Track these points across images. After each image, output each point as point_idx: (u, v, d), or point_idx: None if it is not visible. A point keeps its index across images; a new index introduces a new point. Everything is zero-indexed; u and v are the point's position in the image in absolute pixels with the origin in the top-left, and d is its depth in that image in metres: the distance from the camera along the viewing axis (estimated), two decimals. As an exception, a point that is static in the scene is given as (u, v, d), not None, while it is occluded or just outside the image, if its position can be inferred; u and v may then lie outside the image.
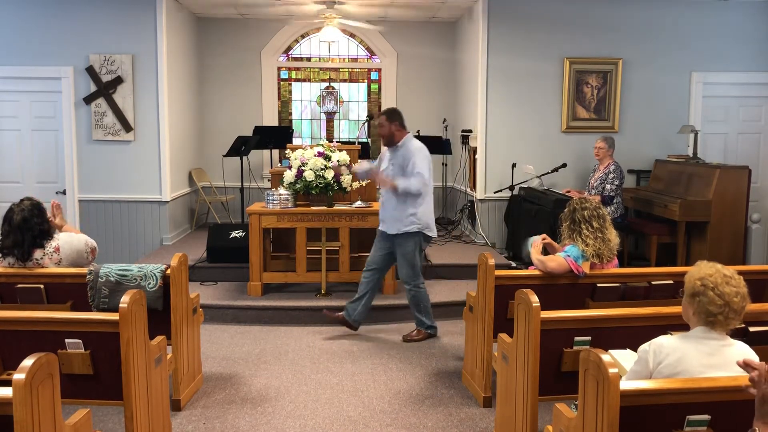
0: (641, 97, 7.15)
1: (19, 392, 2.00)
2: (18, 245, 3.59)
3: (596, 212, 3.68)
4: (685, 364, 2.21)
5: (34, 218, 3.60)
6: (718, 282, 2.21)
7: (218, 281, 5.94)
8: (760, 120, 7.34)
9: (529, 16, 6.98)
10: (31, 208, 3.61)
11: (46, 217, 3.70)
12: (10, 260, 3.64)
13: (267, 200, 5.56)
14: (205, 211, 8.32)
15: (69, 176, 6.88)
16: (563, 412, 2.47)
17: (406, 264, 4.78)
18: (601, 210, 3.72)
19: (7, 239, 3.61)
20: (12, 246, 3.60)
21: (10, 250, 3.61)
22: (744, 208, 6.08)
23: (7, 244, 3.61)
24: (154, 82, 6.85)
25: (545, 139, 7.11)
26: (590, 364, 2.19)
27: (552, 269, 3.64)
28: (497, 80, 7.00)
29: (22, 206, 3.61)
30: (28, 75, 6.78)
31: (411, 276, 4.78)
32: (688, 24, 7.09)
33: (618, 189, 6.16)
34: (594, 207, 3.70)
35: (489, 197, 7.12)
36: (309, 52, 8.87)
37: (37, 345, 2.62)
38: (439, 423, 3.59)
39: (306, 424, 3.56)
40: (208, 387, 4.04)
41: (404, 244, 4.75)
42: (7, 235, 3.61)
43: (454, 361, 4.50)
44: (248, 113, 8.51)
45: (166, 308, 3.64)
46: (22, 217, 3.57)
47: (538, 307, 2.93)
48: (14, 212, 3.59)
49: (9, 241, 3.60)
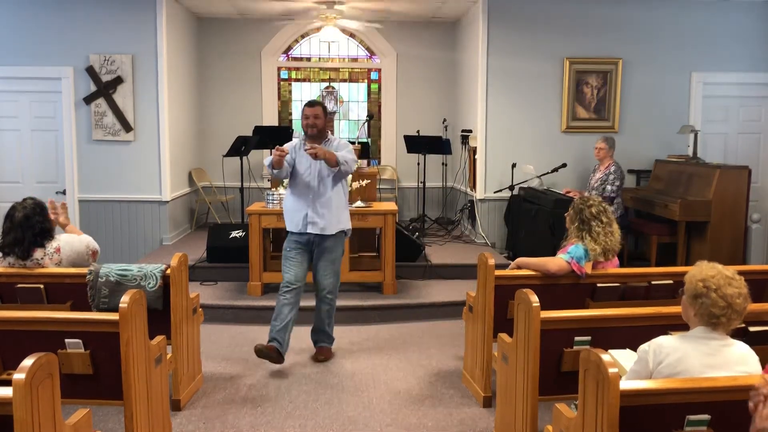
0: (641, 97, 7.14)
1: (19, 392, 2.01)
2: (19, 243, 3.59)
3: (602, 207, 3.71)
4: (685, 364, 2.21)
5: (36, 216, 3.60)
6: (720, 284, 2.21)
7: (218, 281, 5.94)
8: (760, 120, 7.34)
9: (529, 16, 6.98)
10: (34, 207, 3.62)
11: (48, 216, 3.70)
12: (10, 260, 3.64)
13: (267, 200, 5.56)
14: (205, 211, 8.32)
15: (69, 176, 6.88)
16: (563, 412, 2.47)
17: (334, 272, 4.44)
18: (605, 205, 3.76)
19: (8, 236, 3.61)
20: (13, 243, 3.60)
21: (11, 247, 3.61)
22: (744, 208, 6.07)
23: (7, 242, 3.61)
24: (154, 82, 6.85)
25: (545, 139, 7.11)
26: (590, 364, 2.19)
27: (554, 272, 3.63)
28: (497, 80, 7.00)
29: (24, 204, 3.63)
30: (28, 75, 6.78)
31: (337, 285, 4.51)
32: (688, 24, 7.09)
33: (618, 189, 6.16)
34: (599, 203, 3.73)
35: (489, 197, 7.12)
36: (309, 52, 8.88)
37: (37, 345, 2.62)
38: (439, 423, 3.59)
39: (306, 424, 3.56)
40: (208, 387, 4.04)
41: (336, 247, 4.40)
42: (8, 233, 3.61)
43: (454, 361, 4.50)
44: (248, 113, 8.51)
45: (166, 308, 3.64)
46: (24, 215, 3.57)
47: (538, 307, 2.93)
48: (16, 210, 3.60)
49: (10, 238, 3.60)
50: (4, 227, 3.64)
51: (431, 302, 5.50)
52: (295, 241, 4.35)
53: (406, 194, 8.88)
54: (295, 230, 4.31)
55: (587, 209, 3.69)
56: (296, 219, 4.30)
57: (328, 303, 4.47)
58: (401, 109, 8.82)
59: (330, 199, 4.29)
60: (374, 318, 5.31)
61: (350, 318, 5.27)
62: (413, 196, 8.71)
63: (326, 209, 4.28)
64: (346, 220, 4.43)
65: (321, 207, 4.27)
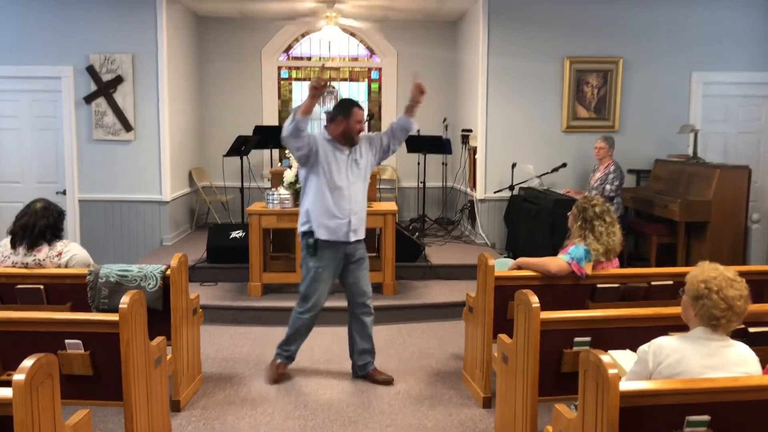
0: (641, 97, 7.14)
1: (19, 393, 2.01)
2: (28, 229, 3.63)
3: (605, 207, 3.73)
4: (685, 364, 2.21)
5: (54, 212, 3.69)
6: (722, 286, 2.21)
7: (218, 282, 5.93)
8: (760, 120, 7.33)
9: (529, 16, 6.97)
10: (56, 206, 3.74)
11: (63, 220, 3.77)
12: (14, 258, 3.65)
13: (267, 200, 5.55)
14: (205, 211, 8.32)
15: (69, 176, 6.88)
16: (563, 412, 2.47)
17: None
18: (608, 205, 3.77)
19: (20, 220, 3.66)
20: (22, 228, 3.64)
21: (19, 233, 3.64)
22: (744, 208, 6.07)
23: (18, 225, 3.65)
24: (154, 82, 6.85)
25: (545, 138, 7.10)
26: (590, 364, 2.19)
27: (554, 273, 3.63)
28: (497, 80, 7.00)
29: (48, 200, 3.75)
30: (28, 75, 6.78)
31: None
32: (688, 24, 7.09)
33: (618, 189, 6.16)
34: (602, 203, 3.74)
35: (489, 197, 7.12)
36: (309, 52, 8.87)
37: (37, 345, 2.62)
38: (438, 423, 3.59)
39: (306, 424, 3.56)
40: (208, 387, 4.04)
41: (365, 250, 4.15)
42: (20, 217, 3.67)
43: (454, 362, 4.50)
44: (248, 113, 8.51)
45: (166, 309, 3.64)
46: (43, 206, 3.67)
47: (537, 308, 2.93)
48: (37, 201, 3.72)
49: (21, 222, 3.64)
50: (19, 213, 3.71)
51: (431, 303, 5.50)
52: (332, 258, 3.94)
53: (406, 194, 8.88)
54: (336, 239, 3.89)
55: (591, 208, 3.70)
56: (337, 226, 3.88)
57: (371, 312, 4.18)
58: (401, 109, 8.75)
59: (363, 201, 4.03)
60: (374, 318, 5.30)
61: (350, 318, 5.26)
62: (413, 196, 8.71)
63: (363, 212, 4.02)
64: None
65: (361, 211, 3.98)
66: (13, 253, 3.67)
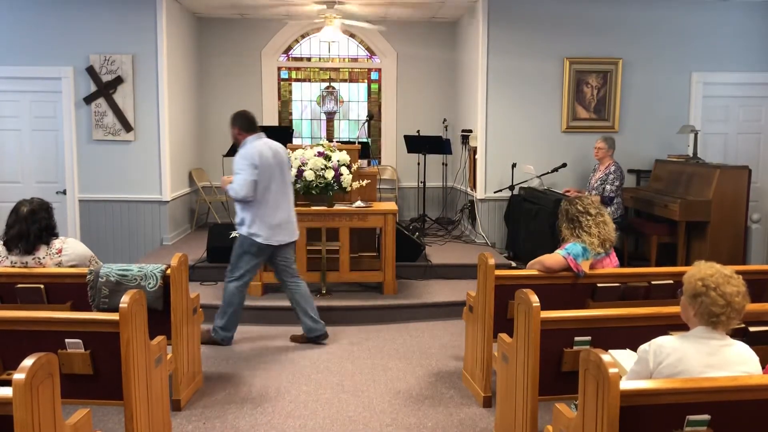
0: (641, 97, 7.14)
1: (19, 392, 2.00)
2: (23, 237, 3.61)
3: (588, 201, 3.76)
4: (686, 364, 2.21)
5: (42, 212, 3.64)
6: (719, 282, 2.21)
7: (218, 281, 5.92)
8: (760, 120, 7.34)
9: (529, 16, 6.98)
10: (40, 203, 3.68)
11: (53, 215, 3.72)
12: (13, 258, 3.65)
13: (267, 200, 5.55)
14: (205, 211, 8.32)
15: (69, 176, 6.88)
16: (563, 412, 2.47)
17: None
18: (592, 198, 3.81)
19: (12, 229, 3.61)
20: (17, 237, 3.61)
21: (15, 241, 3.62)
22: (744, 208, 6.07)
23: (12, 235, 3.62)
24: (154, 82, 6.85)
25: (545, 139, 7.11)
26: (590, 364, 2.19)
27: (549, 266, 3.65)
28: (497, 80, 7.00)
29: (31, 200, 3.68)
30: (28, 75, 6.78)
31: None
32: (688, 24, 7.09)
33: (618, 189, 6.15)
34: (583, 198, 3.79)
35: (489, 197, 7.12)
36: (309, 52, 8.87)
37: (37, 345, 2.62)
38: (439, 423, 3.59)
39: (306, 424, 3.56)
40: (208, 387, 4.04)
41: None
42: (12, 226, 3.62)
43: (454, 361, 4.50)
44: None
45: (166, 308, 3.64)
46: (30, 209, 3.62)
47: (538, 307, 2.93)
48: (22, 204, 3.65)
49: (14, 231, 3.61)
50: (8, 221, 3.66)
51: (431, 302, 5.50)
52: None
53: (406, 194, 8.88)
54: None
55: (572, 207, 3.74)
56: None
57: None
58: (401, 109, 8.82)
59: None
60: (374, 318, 5.31)
61: (350, 318, 5.26)
62: (413, 196, 8.71)
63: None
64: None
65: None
66: (10, 254, 3.66)
